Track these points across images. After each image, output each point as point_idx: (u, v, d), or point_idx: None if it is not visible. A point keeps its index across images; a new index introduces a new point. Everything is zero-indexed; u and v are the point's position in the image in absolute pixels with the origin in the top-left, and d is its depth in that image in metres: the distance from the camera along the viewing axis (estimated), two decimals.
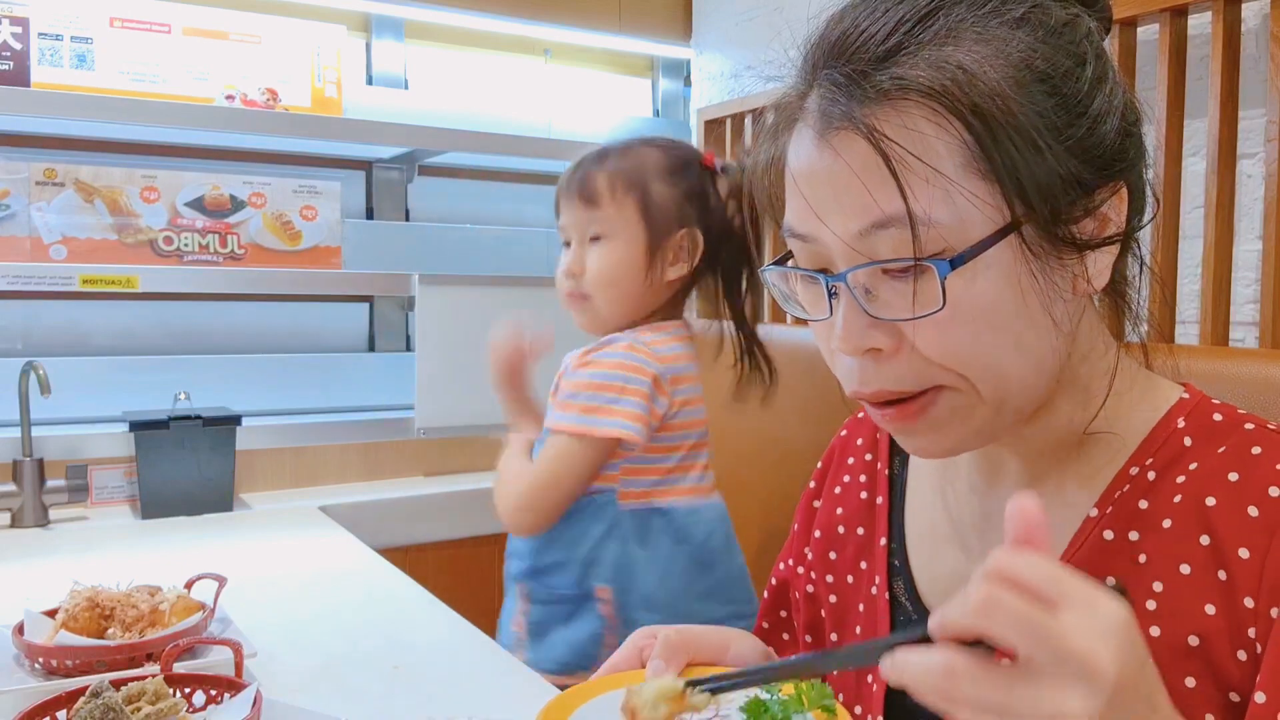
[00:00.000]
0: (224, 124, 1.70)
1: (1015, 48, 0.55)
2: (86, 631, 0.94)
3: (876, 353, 0.58)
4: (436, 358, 1.86)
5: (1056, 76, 0.56)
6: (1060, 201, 0.56)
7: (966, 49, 0.55)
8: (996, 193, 0.55)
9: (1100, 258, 0.59)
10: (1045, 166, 0.55)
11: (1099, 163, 0.57)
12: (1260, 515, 0.56)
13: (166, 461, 1.54)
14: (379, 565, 1.38)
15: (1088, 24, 0.59)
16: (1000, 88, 0.54)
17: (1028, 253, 0.56)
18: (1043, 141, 0.55)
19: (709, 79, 2.14)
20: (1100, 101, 0.57)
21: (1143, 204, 0.61)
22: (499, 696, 0.95)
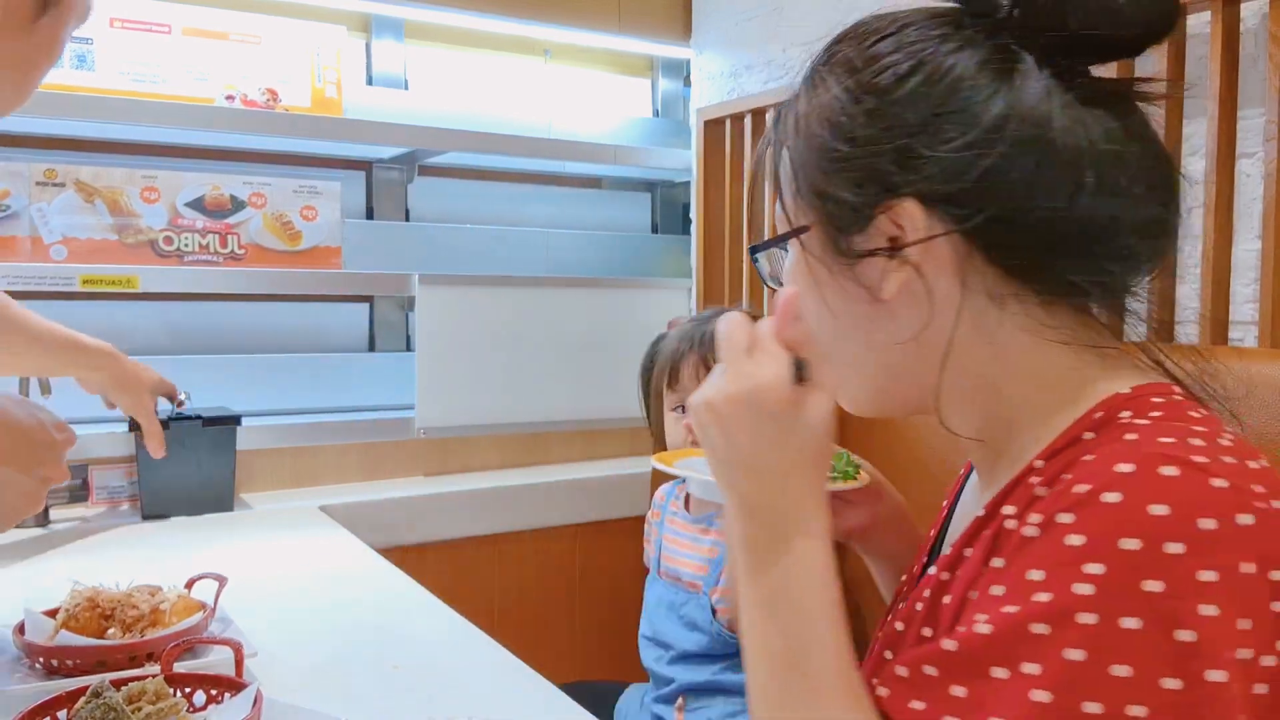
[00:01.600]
0: (224, 124, 1.71)
1: (823, 98, 0.67)
2: (87, 631, 0.94)
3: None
4: (436, 358, 1.86)
5: (833, 128, 0.66)
6: (831, 216, 0.66)
7: (808, 97, 0.68)
8: (796, 205, 0.69)
9: (872, 268, 0.65)
10: (817, 187, 0.66)
11: (867, 185, 0.64)
12: (1046, 498, 0.58)
13: (167, 461, 1.54)
14: (379, 565, 1.38)
15: (934, 68, 0.63)
16: (800, 125, 0.68)
17: (810, 256, 0.68)
18: (818, 169, 0.66)
19: (709, 79, 2.14)
20: (870, 139, 0.64)
21: (959, 213, 0.63)
22: (499, 696, 0.95)
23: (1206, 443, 0.57)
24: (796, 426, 0.65)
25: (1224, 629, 0.52)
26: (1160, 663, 0.52)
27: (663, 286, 2.13)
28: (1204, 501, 0.54)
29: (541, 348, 1.96)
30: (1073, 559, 0.54)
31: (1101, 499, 0.55)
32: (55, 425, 0.94)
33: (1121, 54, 0.64)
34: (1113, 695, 0.52)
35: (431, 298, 1.85)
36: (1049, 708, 0.53)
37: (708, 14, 2.15)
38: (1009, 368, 0.66)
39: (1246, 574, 0.53)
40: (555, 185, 2.28)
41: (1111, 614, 0.53)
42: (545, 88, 2.21)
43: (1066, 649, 0.53)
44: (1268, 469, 0.58)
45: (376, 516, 1.72)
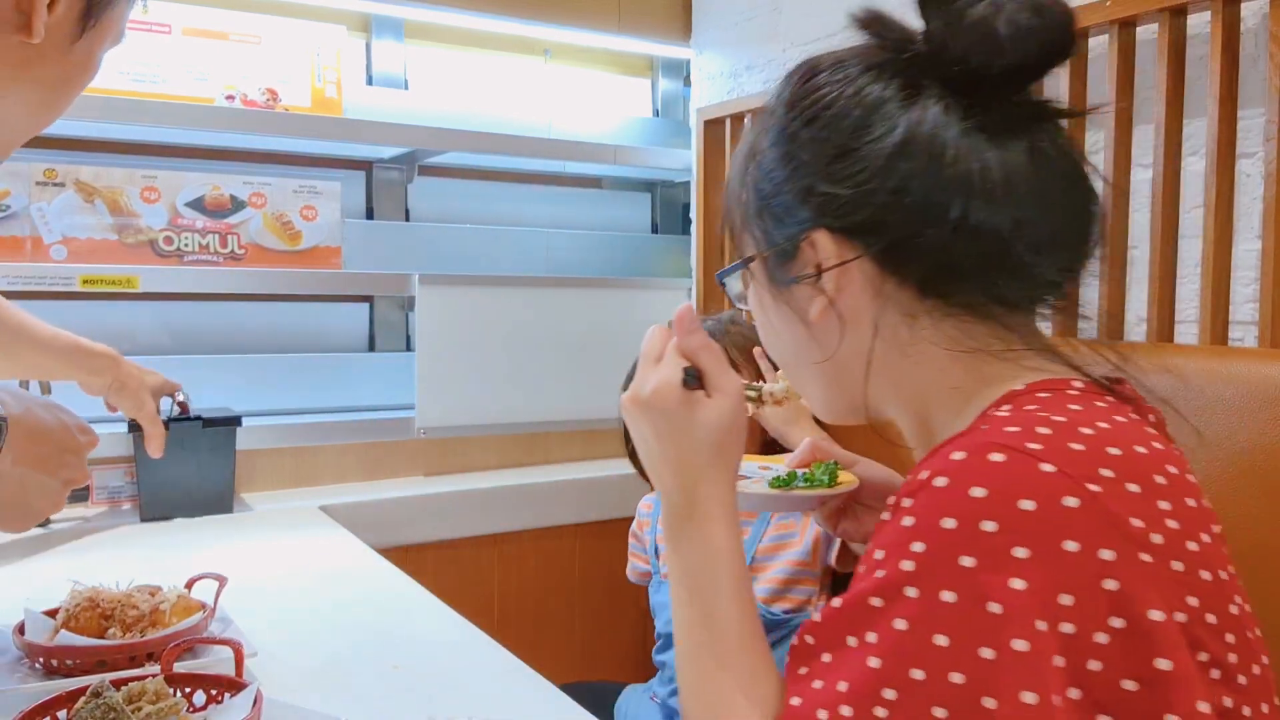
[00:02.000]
0: (224, 124, 1.71)
1: (753, 140, 0.76)
2: (87, 631, 0.94)
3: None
4: (436, 358, 1.86)
5: (760, 169, 0.74)
6: (759, 247, 0.76)
7: (748, 136, 0.77)
8: (741, 238, 0.78)
9: (801, 294, 0.73)
10: (752, 222, 0.76)
11: (786, 220, 0.72)
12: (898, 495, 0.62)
13: (166, 463, 1.53)
14: (379, 565, 1.38)
15: (836, 110, 0.70)
16: (739, 163, 0.77)
17: (757, 283, 0.77)
18: (743, 211, 0.76)
19: (709, 79, 2.14)
20: (785, 179, 0.72)
21: (863, 241, 0.70)
22: (499, 696, 0.95)
23: (1053, 430, 0.60)
24: (690, 425, 0.75)
25: (1032, 601, 0.55)
26: (975, 633, 0.56)
27: (663, 287, 2.13)
28: (1026, 484, 0.57)
29: (541, 348, 1.96)
30: (904, 538, 0.59)
31: (933, 484, 0.59)
32: (79, 428, 0.96)
33: (1024, 80, 0.68)
34: (935, 663, 0.56)
35: (431, 298, 1.85)
36: (880, 673, 0.58)
37: (708, 14, 2.15)
38: (925, 377, 0.72)
39: (1069, 551, 0.56)
40: (555, 185, 2.28)
41: (931, 588, 0.57)
42: (545, 88, 2.21)
43: (895, 619, 0.58)
44: (1127, 456, 0.60)
45: (376, 516, 1.72)
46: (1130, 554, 0.56)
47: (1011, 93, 0.68)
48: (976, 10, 0.66)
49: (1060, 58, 0.67)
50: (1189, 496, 0.62)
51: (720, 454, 0.75)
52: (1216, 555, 0.61)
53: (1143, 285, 1.33)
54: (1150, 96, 1.31)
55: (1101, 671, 0.55)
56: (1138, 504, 0.58)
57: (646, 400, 0.76)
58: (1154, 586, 0.56)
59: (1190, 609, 0.57)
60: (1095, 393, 0.67)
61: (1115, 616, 0.55)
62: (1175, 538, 0.58)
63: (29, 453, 0.89)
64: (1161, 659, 0.55)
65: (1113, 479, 0.58)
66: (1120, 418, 0.64)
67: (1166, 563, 0.57)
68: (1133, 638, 0.55)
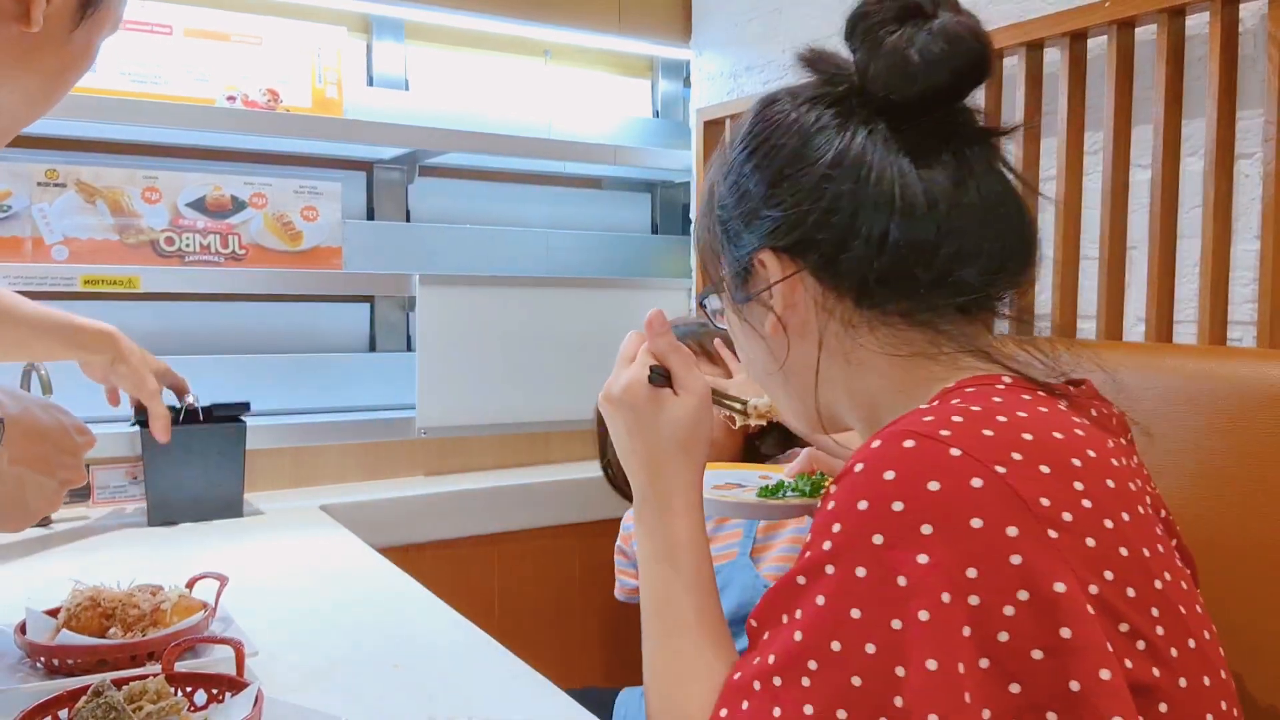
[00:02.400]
0: (225, 125, 1.71)
1: (713, 171, 0.83)
2: (88, 631, 0.94)
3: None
4: (437, 358, 1.86)
5: (718, 198, 0.81)
6: (717, 271, 0.83)
7: (712, 166, 0.84)
8: (710, 260, 0.84)
9: (756, 311, 0.79)
10: (715, 245, 0.82)
11: (738, 242, 0.79)
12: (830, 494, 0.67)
13: (174, 467, 1.52)
14: (379, 565, 1.38)
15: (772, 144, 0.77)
16: (702, 198, 0.84)
17: (725, 302, 0.84)
18: (708, 237, 0.83)
19: (709, 79, 2.14)
20: (734, 205, 0.79)
21: (801, 259, 0.76)
22: (499, 696, 0.96)
23: (966, 419, 0.64)
24: (657, 420, 0.83)
25: (937, 574, 0.59)
26: (885, 605, 0.60)
27: (663, 287, 2.13)
28: (934, 467, 0.61)
29: (541, 348, 1.97)
30: (827, 520, 0.64)
31: (854, 470, 0.64)
32: (76, 429, 0.96)
33: (940, 104, 0.73)
34: (851, 634, 0.61)
35: (431, 298, 1.85)
36: (804, 645, 0.63)
37: (708, 14, 2.15)
38: (871, 384, 0.76)
39: (975, 528, 0.59)
40: (555, 185, 2.28)
41: (847, 565, 0.62)
42: (545, 88, 2.21)
43: (816, 595, 0.63)
44: (1040, 441, 0.63)
45: (376, 516, 1.72)
46: (1036, 530, 0.59)
47: (932, 115, 0.73)
48: (890, 40, 0.72)
49: (974, 82, 0.73)
50: (1109, 478, 0.65)
51: (685, 449, 0.83)
52: (1140, 533, 0.64)
53: (1142, 285, 1.33)
54: (1149, 96, 1.31)
55: (1009, 641, 0.58)
56: (1048, 484, 0.61)
57: (618, 397, 0.84)
58: (1060, 561, 0.59)
59: (1105, 582, 0.60)
60: (1023, 387, 0.71)
61: (1022, 589, 0.58)
62: (1089, 516, 0.61)
63: (27, 453, 0.89)
64: (1065, 628, 0.58)
65: (1022, 461, 0.62)
66: (1043, 409, 0.68)
67: (1079, 539, 0.60)
68: (1038, 609, 0.58)
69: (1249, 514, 0.96)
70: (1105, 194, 1.35)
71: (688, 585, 0.80)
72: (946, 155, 0.73)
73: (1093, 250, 1.39)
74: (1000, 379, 0.71)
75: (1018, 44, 1.44)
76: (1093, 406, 0.75)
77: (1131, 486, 0.67)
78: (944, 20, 0.71)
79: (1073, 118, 1.39)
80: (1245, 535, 0.96)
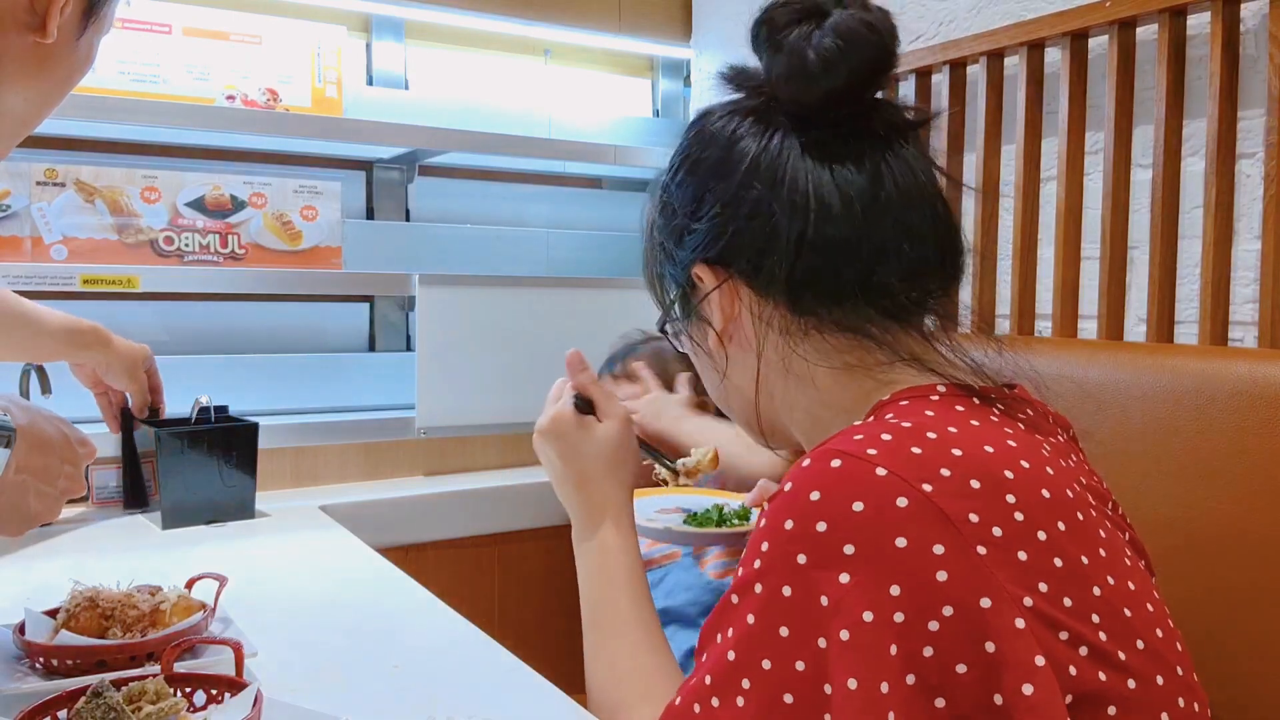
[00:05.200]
0: (225, 124, 1.70)
1: (648, 203, 0.87)
2: (87, 631, 0.94)
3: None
4: (437, 358, 1.86)
5: (653, 222, 0.85)
6: (665, 295, 0.85)
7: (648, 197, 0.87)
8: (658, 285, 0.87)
9: (699, 327, 0.81)
10: (656, 267, 0.85)
11: (673, 259, 0.81)
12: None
13: (188, 471, 1.51)
14: (379, 565, 1.38)
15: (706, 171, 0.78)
16: (644, 225, 0.88)
17: (676, 323, 0.85)
18: (652, 260, 0.86)
19: (709, 79, 2.14)
20: (665, 225, 0.82)
21: (728, 269, 0.77)
22: (499, 696, 0.95)
23: (895, 436, 0.64)
24: (584, 443, 0.92)
25: (858, 594, 0.59)
26: (810, 624, 0.60)
27: None
28: (858, 487, 0.61)
29: (541, 348, 1.96)
30: (757, 539, 0.64)
31: (784, 489, 0.64)
32: (79, 441, 1.00)
33: (844, 103, 0.72)
34: (780, 652, 0.61)
35: (431, 298, 1.85)
36: (736, 664, 0.63)
37: (708, 14, 2.15)
38: (809, 397, 0.77)
39: (899, 547, 0.59)
40: (555, 185, 2.28)
41: (774, 583, 0.62)
42: (545, 88, 2.21)
43: (747, 614, 0.63)
44: (970, 456, 0.63)
45: (376, 516, 1.72)
46: (963, 547, 0.59)
47: (841, 115, 0.73)
48: (789, 43, 0.72)
49: (876, 79, 0.73)
50: (1044, 488, 0.64)
51: (611, 466, 0.91)
52: (1077, 541, 0.64)
53: (1143, 286, 1.33)
54: (1150, 96, 1.31)
55: (934, 657, 0.58)
56: (977, 500, 0.61)
57: (547, 428, 0.94)
58: (987, 577, 0.59)
59: (1040, 594, 0.60)
60: (957, 397, 0.71)
61: (946, 605, 0.58)
62: (1020, 529, 0.61)
63: (32, 463, 0.91)
64: (989, 642, 0.58)
65: (950, 478, 0.61)
66: (975, 420, 0.68)
67: (1009, 554, 0.60)
68: (963, 624, 0.58)
69: (1250, 514, 0.96)
70: (1106, 194, 1.35)
71: (621, 590, 0.85)
72: (860, 153, 0.73)
73: (1093, 250, 1.39)
74: (934, 389, 0.71)
75: (1018, 44, 1.44)
76: (1025, 409, 0.75)
77: (1069, 493, 0.66)
78: (839, 17, 0.71)
79: (1073, 118, 1.39)
80: (1246, 536, 0.96)
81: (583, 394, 0.94)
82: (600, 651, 0.84)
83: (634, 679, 0.79)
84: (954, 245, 0.76)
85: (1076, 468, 0.73)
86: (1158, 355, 1.09)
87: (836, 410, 0.76)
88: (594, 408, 0.93)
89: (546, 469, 0.94)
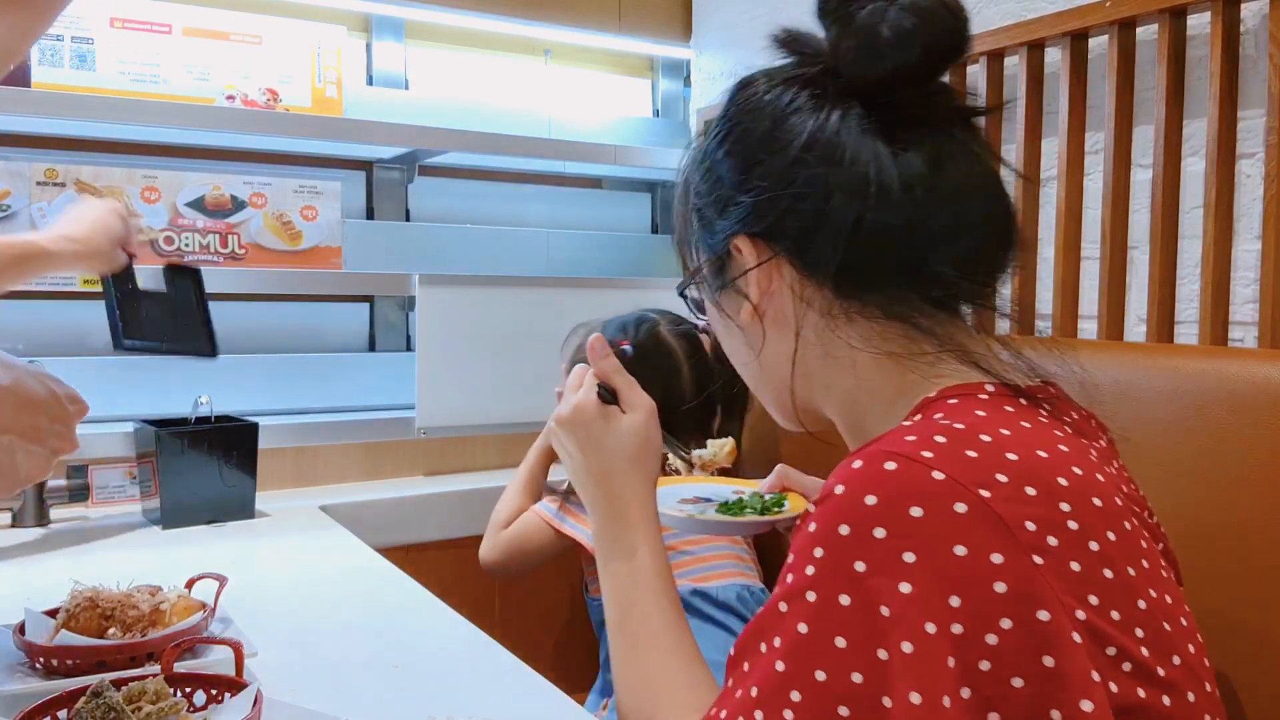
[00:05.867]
0: (225, 124, 1.70)
1: (690, 156, 0.82)
2: (87, 631, 0.94)
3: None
4: (436, 358, 1.86)
5: (692, 185, 0.80)
6: (694, 261, 0.81)
7: (688, 151, 0.83)
8: (686, 250, 0.83)
9: (733, 299, 0.77)
10: (690, 234, 0.81)
11: (713, 229, 0.77)
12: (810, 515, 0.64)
13: (188, 470, 1.51)
14: (379, 565, 1.38)
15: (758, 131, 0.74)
16: (678, 186, 0.83)
17: (703, 293, 0.82)
18: (683, 225, 0.82)
19: (709, 79, 2.14)
20: (708, 192, 0.77)
21: (775, 245, 0.74)
22: (499, 696, 0.95)
23: (950, 438, 0.62)
24: (607, 435, 0.86)
25: (920, 604, 0.57)
26: (869, 635, 0.58)
27: (663, 287, 2.12)
28: (916, 492, 0.59)
29: (542, 348, 1.96)
30: (808, 545, 0.61)
31: (834, 491, 0.62)
32: (69, 397, 0.95)
33: (914, 82, 0.70)
34: (836, 664, 0.58)
35: (431, 298, 1.85)
36: (786, 675, 0.60)
37: (708, 14, 2.15)
38: (848, 381, 0.74)
39: (958, 555, 0.57)
40: (555, 185, 2.28)
41: (829, 592, 0.59)
42: (545, 88, 2.21)
43: (798, 623, 0.60)
44: (1025, 461, 0.61)
45: (376, 516, 1.72)
46: (1020, 557, 0.57)
47: (907, 95, 0.70)
48: (862, 17, 0.69)
49: (948, 59, 0.69)
50: (1096, 496, 0.62)
51: (637, 461, 0.86)
52: (1125, 552, 0.62)
53: (1143, 286, 1.33)
54: (1150, 97, 1.31)
55: (990, 670, 0.56)
56: (1033, 507, 0.59)
57: (568, 418, 0.88)
58: (1045, 587, 0.57)
59: (1091, 607, 0.59)
60: (1006, 397, 0.69)
61: (1005, 617, 0.56)
62: (1074, 539, 0.60)
63: (18, 423, 0.88)
64: (1048, 656, 0.56)
65: (1007, 484, 0.59)
66: (1026, 423, 0.66)
67: (1063, 564, 0.59)
68: (1021, 637, 0.56)
69: (1250, 514, 0.96)
70: (1106, 194, 1.35)
71: (649, 594, 0.81)
72: (923, 137, 0.70)
73: (1093, 250, 1.39)
74: (983, 387, 0.69)
75: (1019, 44, 1.44)
76: (1070, 411, 0.74)
77: (1118, 501, 0.65)
78: None
79: (1073, 117, 1.39)
80: (1247, 536, 0.96)
81: (606, 382, 0.88)
82: (632, 661, 0.79)
83: (670, 690, 0.75)
84: (1010, 238, 0.73)
85: (1118, 474, 0.71)
86: (1158, 355, 1.09)
87: (875, 397, 0.73)
88: (618, 397, 0.88)
89: (564, 460, 0.89)
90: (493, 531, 1.56)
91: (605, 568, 0.84)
